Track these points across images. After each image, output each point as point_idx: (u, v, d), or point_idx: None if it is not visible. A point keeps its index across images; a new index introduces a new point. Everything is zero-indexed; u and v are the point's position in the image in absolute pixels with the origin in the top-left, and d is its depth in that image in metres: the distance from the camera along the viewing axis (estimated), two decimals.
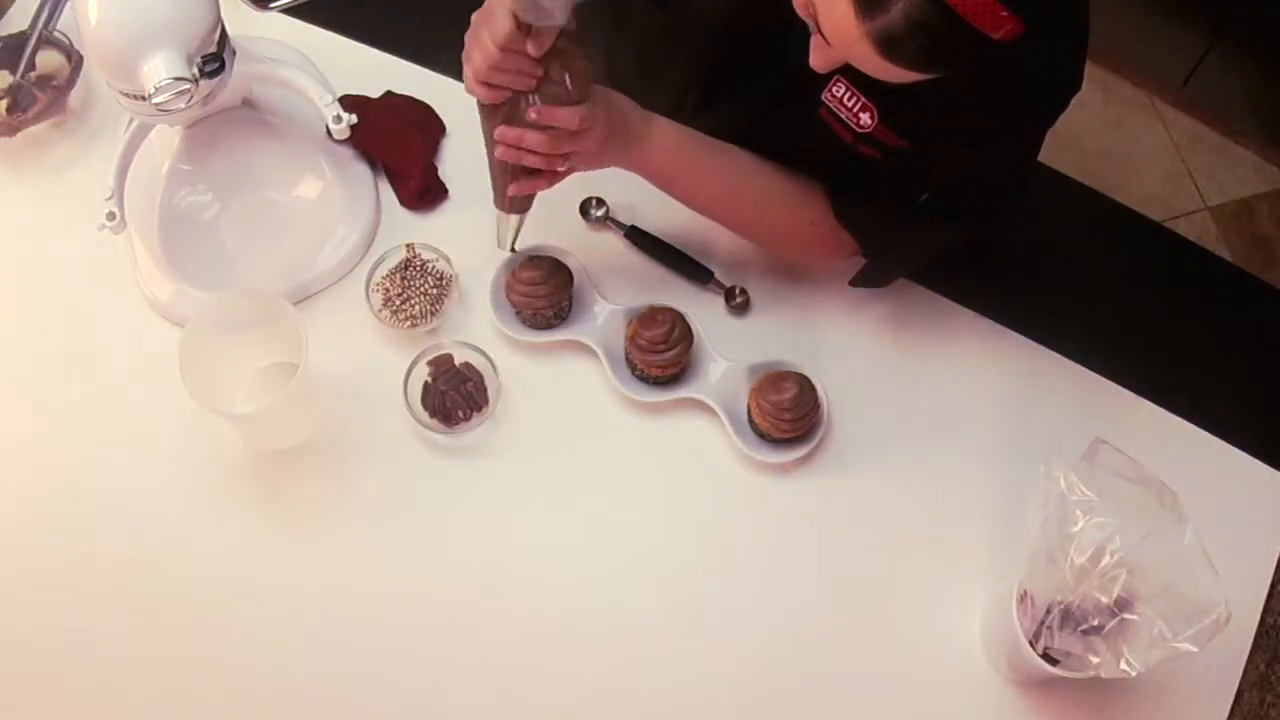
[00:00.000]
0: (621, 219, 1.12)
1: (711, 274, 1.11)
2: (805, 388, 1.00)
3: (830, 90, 0.90)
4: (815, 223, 1.02)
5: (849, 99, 0.89)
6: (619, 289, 1.10)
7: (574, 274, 1.06)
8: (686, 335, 1.03)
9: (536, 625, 0.98)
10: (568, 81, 0.88)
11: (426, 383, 1.04)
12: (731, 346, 1.07)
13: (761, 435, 1.03)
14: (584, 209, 1.13)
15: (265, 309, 0.97)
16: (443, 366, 1.03)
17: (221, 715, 0.95)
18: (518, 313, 1.06)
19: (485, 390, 1.04)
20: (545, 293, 1.03)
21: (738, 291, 1.10)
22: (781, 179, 1.02)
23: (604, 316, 1.08)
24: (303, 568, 0.99)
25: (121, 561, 0.99)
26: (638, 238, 1.12)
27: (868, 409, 1.07)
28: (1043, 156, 0.99)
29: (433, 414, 1.02)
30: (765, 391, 1.00)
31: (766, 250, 1.10)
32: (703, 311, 1.07)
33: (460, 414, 1.03)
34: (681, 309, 1.04)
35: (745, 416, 1.04)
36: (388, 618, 0.98)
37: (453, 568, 1.00)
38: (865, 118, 0.89)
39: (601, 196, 1.12)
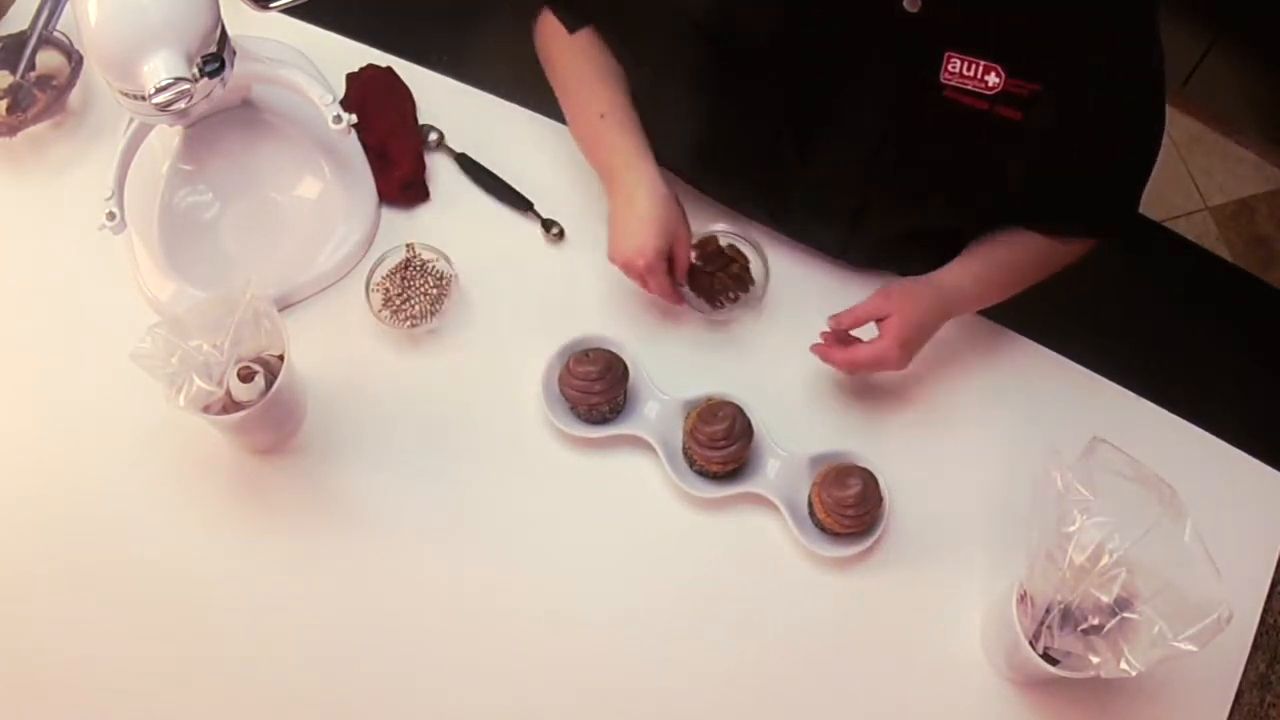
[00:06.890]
0: (454, 146, 1.17)
1: (531, 204, 1.14)
2: (869, 483, 0.97)
3: (946, 69, 0.91)
4: (1065, 255, 1.07)
5: (968, 69, 0.90)
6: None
7: (629, 367, 1.03)
8: (747, 431, 0.99)
9: (542, 635, 0.98)
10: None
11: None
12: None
13: (821, 528, 1.00)
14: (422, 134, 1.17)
15: (247, 309, 0.94)
16: None
17: (213, 716, 0.95)
18: (572, 407, 1.03)
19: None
20: (601, 388, 1.00)
21: (554, 223, 1.13)
22: (1028, 253, 1.06)
23: (659, 409, 1.05)
24: (300, 567, 0.99)
25: (125, 561, 0.99)
26: (469, 165, 1.16)
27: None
28: None
29: None
30: (829, 487, 0.98)
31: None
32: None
33: (722, 298, 1.10)
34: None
35: (806, 509, 1.01)
36: (385, 616, 0.98)
37: (451, 567, 1.00)
38: (992, 78, 0.90)
39: (435, 124, 1.18)
